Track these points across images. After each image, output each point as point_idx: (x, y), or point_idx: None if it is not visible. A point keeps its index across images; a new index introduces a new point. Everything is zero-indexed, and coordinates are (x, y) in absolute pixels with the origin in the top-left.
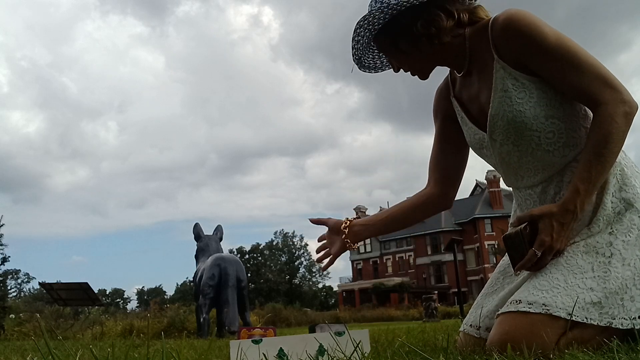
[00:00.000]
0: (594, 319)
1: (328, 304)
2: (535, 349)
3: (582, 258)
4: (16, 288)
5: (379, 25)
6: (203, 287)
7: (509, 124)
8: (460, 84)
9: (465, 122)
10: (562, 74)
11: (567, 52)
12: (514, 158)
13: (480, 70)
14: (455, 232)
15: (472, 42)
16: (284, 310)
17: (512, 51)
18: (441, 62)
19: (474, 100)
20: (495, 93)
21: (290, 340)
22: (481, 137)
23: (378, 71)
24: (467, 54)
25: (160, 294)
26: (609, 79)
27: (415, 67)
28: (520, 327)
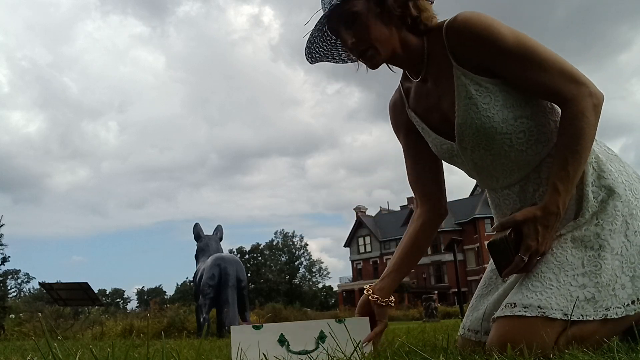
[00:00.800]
0: (589, 315)
1: (328, 304)
2: (535, 349)
3: (572, 254)
4: (16, 288)
5: None
6: (203, 287)
7: (479, 131)
8: (415, 94)
9: (428, 133)
10: (525, 73)
11: (528, 51)
12: (487, 162)
13: (437, 78)
14: (455, 232)
15: (428, 44)
16: (284, 310)
17: (472, 56)
18: (399, 51)
19: (434, 109)
20: (460, 101)
21: (291, 327)
22: (449, 147)
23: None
24: (425, 58)
25: (160, 294)
26: (573, 73)
27: (378, 46)
28: (518, 330)
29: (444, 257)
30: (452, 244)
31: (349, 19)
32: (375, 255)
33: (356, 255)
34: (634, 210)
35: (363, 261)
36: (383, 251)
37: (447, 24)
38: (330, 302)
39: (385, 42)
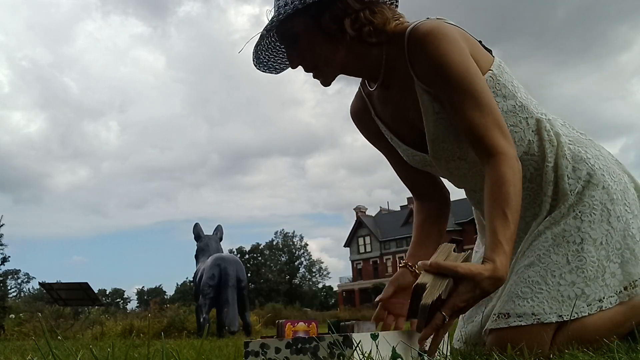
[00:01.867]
0: (584, 311)
1: (328, 304)
2: (535, 350)
3: (555, 252)
4: (16, 288)
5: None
6: (203, 287)
7: (452, 144)
8: (378, 100)
9: (398, 144)
10: (462, 108)
11: (472, 88)
12: (463, 170)
13: (401, 86)
14: (455, 232)
15: (388, 51)
16: (284, 310)
17: (422, 73)
18: (354, 66)
19: (401, 119)
20: (427, 117)
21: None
22: (422, 158)
23: (273, 71)
24: (383, 65)
25: (160, 294)
26: (506, 130)
27: (322, 66)
28: (515, 340)
29: None
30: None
31: (289, 40)
32: (375, 255)
33: (356, 255)
34: (615, 194)
35: (363, 261)
36: (383, 251)
37: (408, 33)
38: (330, 302)
39: (329, 61)
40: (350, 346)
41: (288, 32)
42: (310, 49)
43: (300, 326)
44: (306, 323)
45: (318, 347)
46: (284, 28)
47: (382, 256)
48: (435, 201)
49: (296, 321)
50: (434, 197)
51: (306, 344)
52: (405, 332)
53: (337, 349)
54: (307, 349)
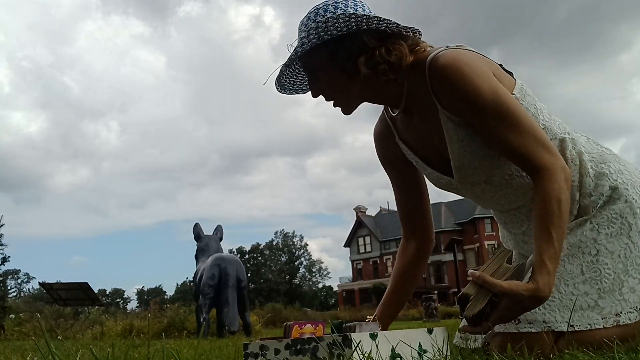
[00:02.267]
0: (598, 323)
1: (328, 304)
2: (536, 350)
3: (569, 262)
4: (16, 288)
5: (311, 44)
6: (203, 287)
7: (477, 170)
8: (402, 124)
9: (424, 167)
10: (499, 132)
11: (505, 110)
12: (488, 194)
13: (424, 113)
14: (455, 232)
15: (409, 81)
16: (284, 310)
17: (450, 104)
18: (373, 98)
19: (426, 143)
20: (452, 144)
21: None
22: (448, 181)
23: (294, 92)
24: (404, 94)
25: (160, 294)
26: (547, 143)
27: (341, 97)
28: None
29: (444, 257)
30: (452, 244)
31: (310, 72)
32: (375, 255)
33: (356, 255)
34: (639, 208)
35: (363, 261)
36: (383, 251)
37: (428, 63)
38: (330, 302)
39: (346, 94)
40: (350, 346)
41: (308, 65)
42: (328, 82)
43: (307, 328)
44: (313, 325)
45: (317, 347)
46: (305, 60)
47: (382, 256)
48: (419, 243)
49: (303, 323)
50: (421, 238)
51: (305, 344)
52: (406, 332)
53: (337, 349)
54: (307, 350)
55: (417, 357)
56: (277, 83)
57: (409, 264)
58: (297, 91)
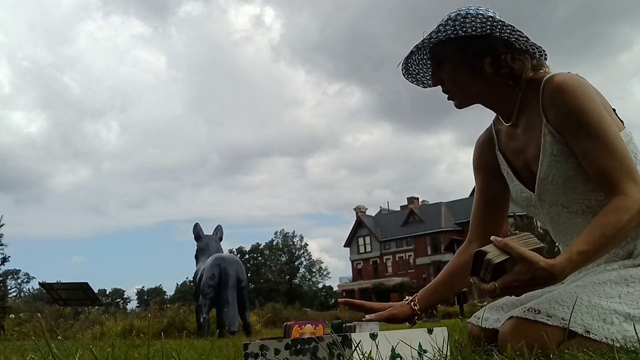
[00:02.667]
0: (616, 341)
1: (328, 304)
2: (536, 350)
3: (610, 287)
4: (16, 288)
5: (446, 35)
6: (203, 287)
7: (559, 188)
8: (505, 136)
9: (512, 179)
10: (594, 153)
11: (605, 135)
12: (563, 219)
13: (528, 126)
14: (455, 232)
15: (524, 95)
16: (284, 310)
17: (555, 119)
18: (488, 100)
19: (519, 154)
20: (544, 157)
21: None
22: (528, 196)
23: (414, 81)
24: (517, 106)
25: (160, 294)
26: (636, 176)
27: (458, 91)
28: (530, 333)
29: (444, 257)
30: (452, 244)
31: (436, 62)
32: (375, 255)
33: (356, 255)
34: None
35: (363, 261)
36: (383, 251)
37: (545, 80)
38: (330, 302)
39: (466, 90)
40: (350, 346)
41: (437, 54)
42: (451, 75)
43: (307, 328)
44: (313, 325)
45: (317, 347)
46: (435, 50)
47: (382, 256)
48: (481, 246)
49: (303, 323)
50: (484, 243)
51: (305, 344)
52: (406, 332)
53: (337, 349)
54: (307, 350)
55: (417, 357)
56: (404, 66)
57: (463, 264)
58: (417, 81)
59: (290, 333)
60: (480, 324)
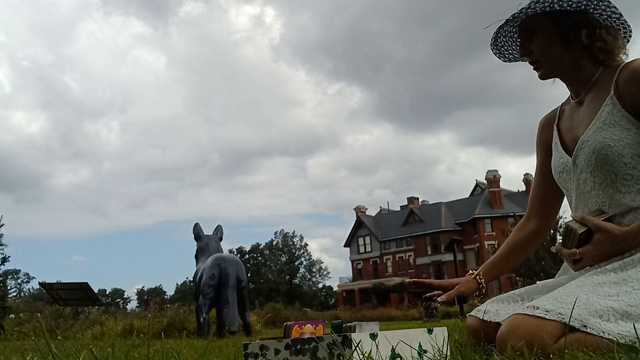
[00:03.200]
0: (612, 335)
1: (328, 304)
2: (536, 349)
3: (610, 286)
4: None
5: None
6: (203, 287)
7: (593, 153)
8: (567, 114)
9: (557, 147)
10: None
11: None
12: (587, 188)
13: (592, 103)
14: (455, 232)
15: (601, 75)
16: (284, 310)
17: (631, 95)
18: (569, 71)
19: (573, 129)
20: (596, 122)
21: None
22: (565, 161)
23: (502, 57)
24: (592, 83)
25: (160, 294)
26: None
27: (546, 62)
28: (529, 327)
29: (444, 257)
30: (452, 244)
31: (528, 33)
32: (375, 255)
33: (356, 255)
34: None
35: (363, 261)
36: (383, 251)
37: (623, 65)
38: (330, 302)
39: (553, 61)
40: (350, 346)
41: (529, 26)
42: (542, 46)
43: (307, 328)
44: (313, 325)
45: (317, 347)
46: (528, 22)
47: (382, 256)
48: (539, 225)
49: (303, 323)
50: (542, 221)
51: (305, 344)
52: (406, 332)
53: (337, 349)
54: (307, 350)
55: (417, 357)
56: (494, 36)
57: (523, 239)
58: (502, 54)
59: (290, 333)
60: (480, 317)
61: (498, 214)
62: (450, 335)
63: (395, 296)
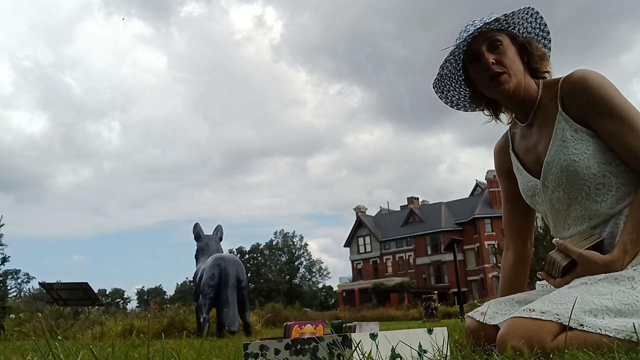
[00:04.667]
0: (609, 331)
1: (328, 304)
2: (536, 349)
3: (601, 285)
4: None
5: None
6: (203, 287)
7: (562, 172)
8: (519, 137)
9: (521, 171)
10: (621, 135)
11: (630, 116)
12: (563, 206)
13: (542, 124)
14: (455, 232)
15: (543, 94)
16: (284, 310)
17: (579, 107)
18: (522, 91)
19: (531, 151)
20: (554, 142)
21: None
22: (534, 184)
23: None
24: (536, 105)
25: (160, 294)
26: None
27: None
28: (527, 328)
29: (444, 257)
30: (452, 244)
31: (493, 43)
32: (375, 255)
33: (356, 255)
34: None
35: (363, 261)
36: (383, 251)
37: (565, 77)
38: (330, 302)
39: (519, 73)
40: (350, 346)
41: (494, 37)
42: (508, 57)
43: (307, 328)
44: (313, 325)
45: (317, 347)
46: (492, 33)
47: (382, 256)
48: (517, 253)
49: (303, 323)
50: (519, 247)
51: (305, 344)
52: (406, 332)
53: (337, 349)
54: (307, 350)
55: (417, 357)
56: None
57: (509, 274)
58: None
59: (290, 333)
60: (477, 318)
61: (498, 213)
62: (450, 335)
63: (395, 296)
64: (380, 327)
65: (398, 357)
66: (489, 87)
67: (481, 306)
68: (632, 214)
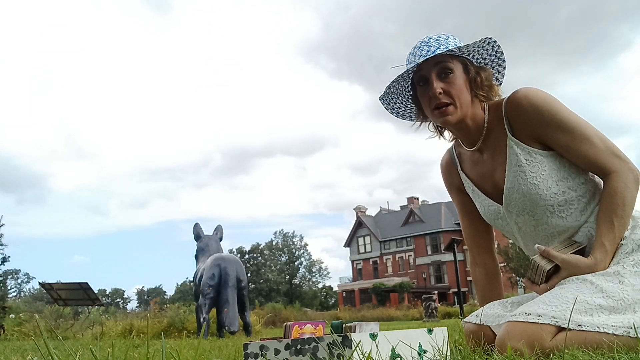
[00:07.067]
0: (607, 329)
1: (328, 304)
2: (536, 349)
3: (591, 282)
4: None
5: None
6: (203, 287)
7: (524, 197)
8: (469, 160)
9: (478, 194)
10: (574, 145)
11: (579, 126)
12: (530, 227)
13: (493, 151)
14: (455, 232)
15: (489, 117)
16: (284, 310)
17: (527, 125)
18: (470, 119)
19: (486, 177)
20: (510, 168)
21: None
22: (496, 209)
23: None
24: (484, 130)
25: (160, 294)
26: (616, 150)
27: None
28: (525, 332)
29: (443, 257)
30: (452, 244)
31: (444, 70)
32: (375, 255)
33: (356, 255)
34: None
35: (363, 261)
36: (383, 251)
37: (507, 98)
38: (330, 302)
39: (465, 105)
40: (350, 346)
41: (445, 64)
42: (456, 87)
43: (307, 328)
44: (313, 325)
45: (317, 347)
46: (443, 58)
47: (382, 256)
48: (485, 266)
49: (303, 323)
50: (486, 260)
51: (305, 344)
52: (406, 332)
53: (337, 349)
54: (307, 350)
55: (417, 357)
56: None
57: (484, 289)
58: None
59: (290, 333)
60: (474, 321)
61: None
62: (450, 335)
63: (395, 296)
64: (380, 327)
65: (398, 357)
66: (433, 115)
67: (476, 311)
68: (603, 215)
